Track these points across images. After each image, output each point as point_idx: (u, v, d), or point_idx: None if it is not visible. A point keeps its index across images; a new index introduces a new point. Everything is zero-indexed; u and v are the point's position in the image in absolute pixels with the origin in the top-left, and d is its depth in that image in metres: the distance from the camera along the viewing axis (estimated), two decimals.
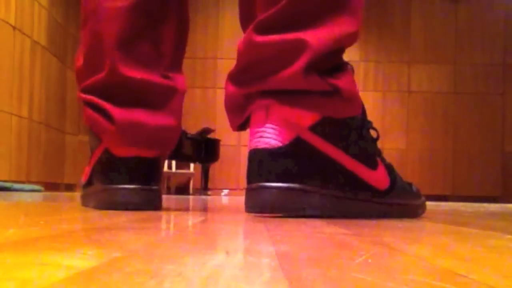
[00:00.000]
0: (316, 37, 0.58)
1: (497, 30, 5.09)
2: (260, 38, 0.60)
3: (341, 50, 0.62)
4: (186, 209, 0.83)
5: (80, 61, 0.73)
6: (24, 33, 3.44)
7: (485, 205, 2.49)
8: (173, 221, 0.50)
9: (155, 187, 0.70)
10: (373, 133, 0.66)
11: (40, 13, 3.72)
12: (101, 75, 0.68)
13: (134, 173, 0.68)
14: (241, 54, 0.63)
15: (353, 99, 0.62)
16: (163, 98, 0.71)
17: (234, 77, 0.66)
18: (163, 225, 0.43)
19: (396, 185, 0.67)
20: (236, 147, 5.01)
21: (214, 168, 4.69)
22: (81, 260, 0.20)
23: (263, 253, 0.25)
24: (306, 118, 0.60)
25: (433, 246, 0.32)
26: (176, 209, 0.80)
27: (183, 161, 4.48)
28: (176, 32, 0.74)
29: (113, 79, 0.68)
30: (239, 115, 0.67)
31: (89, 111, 0.70)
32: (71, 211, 0.67)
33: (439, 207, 1.54)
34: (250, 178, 0.62)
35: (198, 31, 5.06)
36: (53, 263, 0.19)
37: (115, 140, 0.69)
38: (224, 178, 5.00)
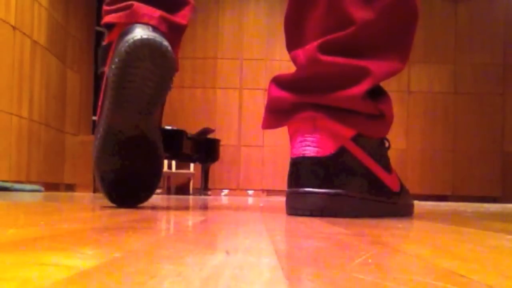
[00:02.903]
0: (379, 68, 0.65)
1: (497, 30, 5.09)
2: (325, 58, 0.66)
3: None
4: (186, 209, 0.83)
5: None
6: (24, 33, 3.44)
7: (485, 205, 2.49)
8: (173, 221, 0.50)
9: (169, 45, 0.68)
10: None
11: (40, 13, 3.72)
12: None
13: (151, 26, 0.68)
14: (302, 67, 0.69)
15: (391, 123, 0.70)
16: (178, 4, 0.75)
17: (289, 84, 0.71)
18: (163, 225, 0.43)
19: (403, 186, 0.75)
20: (236, 147, 5.01)
21: (214, 168, 4.69)
22: (81, 260, 0.20)
23: (263, 253, 0.25)
24: (348, 132, 0.67)
25: (433, 246, 0.32)
26: (176, 209, 0.80)
27: (183, 161, 4.48)
28: None
29: None
30: (281, 118, 0.72)
31: (109, 14, 0.73)
32: (71, 211, 0.67)
33: (439, 207, 1.54)
34: (297, 183, 0.67)
35: (198, 31, 5.06)
36: (53, 263, 0.19)
37: (131, 15, 0.70)
38: (224, 178, 4.99)
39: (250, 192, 4.95)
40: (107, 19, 0.74)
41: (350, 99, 0.65)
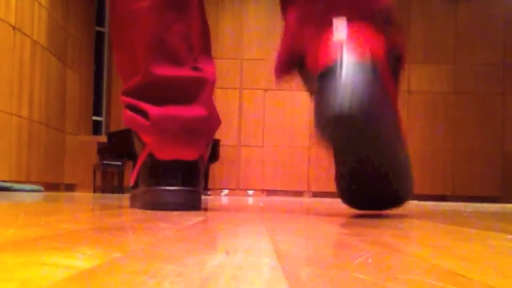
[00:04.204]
0: None
1: (497, 30, 5.09)
2: None
3: None
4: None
5: (119, 66, 0.78)
6: (24, 33, 3.44)
7: (485, 205, 2.49)
8: (173, 221, 0.50)
9: (194, 189, 0.73)
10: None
11: (40, 13, 3.72)
12: (138, 78, 0.72)
13: (174, 176, 0.72)
14: None
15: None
16: (193, 91, 0.74)
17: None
18: (163, 225, 0.43)
19: None
20: (236, 147, 5.01)
21: (214, 168, 4.69)
22: (81, 260, 0.20)
23: (263, 253, 0.25)
24: (380, 41, 0.63)
25: (433, 246, 0.32)
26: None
27: None
28: (200, 18, 0.78)
29: (147, 80, 0.72)
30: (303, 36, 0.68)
31: (128, 113, 0.75)
32: (71, 211, 0.67)
33: (439, 207, 1.54)
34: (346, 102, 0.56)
35: None
36: (53, 263, 0.19)
37: (154, 137, 0.71)
38: (224, 178, 4.99)
39: (250, 192, 4.95)
40: (127, 119, 0.75)
41: None
